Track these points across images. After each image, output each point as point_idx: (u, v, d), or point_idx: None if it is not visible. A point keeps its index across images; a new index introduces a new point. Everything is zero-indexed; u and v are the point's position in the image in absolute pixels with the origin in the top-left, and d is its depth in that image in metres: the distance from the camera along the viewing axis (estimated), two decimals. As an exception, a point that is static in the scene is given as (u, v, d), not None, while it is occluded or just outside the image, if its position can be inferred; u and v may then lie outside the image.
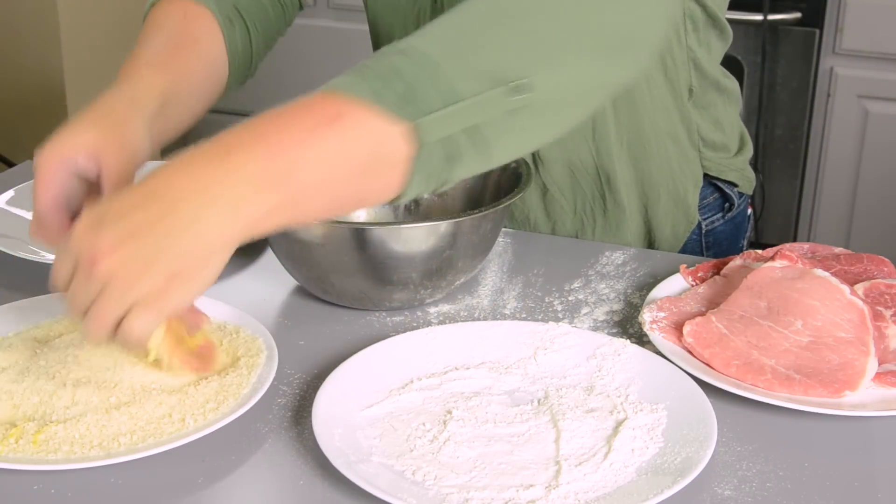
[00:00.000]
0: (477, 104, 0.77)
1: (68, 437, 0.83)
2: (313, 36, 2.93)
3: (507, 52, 0.78)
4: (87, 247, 0.75)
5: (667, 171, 1.25)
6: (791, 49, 2.53)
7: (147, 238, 0.74)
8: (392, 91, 0.76)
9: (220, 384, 0.89)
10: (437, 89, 0.76)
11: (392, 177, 0.78)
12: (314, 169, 0.76)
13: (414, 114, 0.76)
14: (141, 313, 0.76)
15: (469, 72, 0.77)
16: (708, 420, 0.86)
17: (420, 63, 0.77)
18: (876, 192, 2.58)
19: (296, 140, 0.75)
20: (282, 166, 0.75)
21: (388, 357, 0.95)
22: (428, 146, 0.77)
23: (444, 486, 0.80)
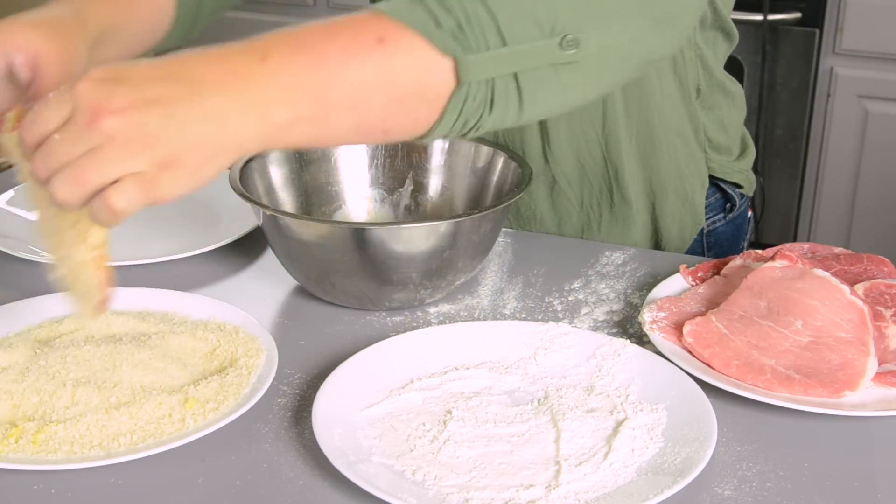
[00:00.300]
0: (525, 51, 0.76)
1: (68, 437, 0.83)
2: (313, 36, 2.94)
3: (561, 5, 0.77)
4: (94, 98, 0.69)
5: (675, 170, 1.25)
6: (791, 49, 2.53)
7: (162, 113, 0.69)
8: (444, 24, 0.74)
9: (220, 384, 0.90)
10: (489, 30, 0.75)
11: (426, 111, 0.76)
12: (351, 88, 0.73)
13: (462, 50, 0.75)
14: (129, 187, 0.69)
15: (523, 18, 0.76)
16: (708, 420, 0.86)
17: (475, 1, 0.75)
18: (876, 192, 2.58)
19: (338, 56, 0.73)
20: (319, 79, 0.73)
21: (388, 357, 0.95)
22: (469, 85, 0.76)
23: (444, 486, 0.80)
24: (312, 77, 0.72)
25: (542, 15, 0.77)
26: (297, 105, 0.72)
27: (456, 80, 0.75)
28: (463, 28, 0.75)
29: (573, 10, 0.78)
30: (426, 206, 1.20)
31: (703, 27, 1.21)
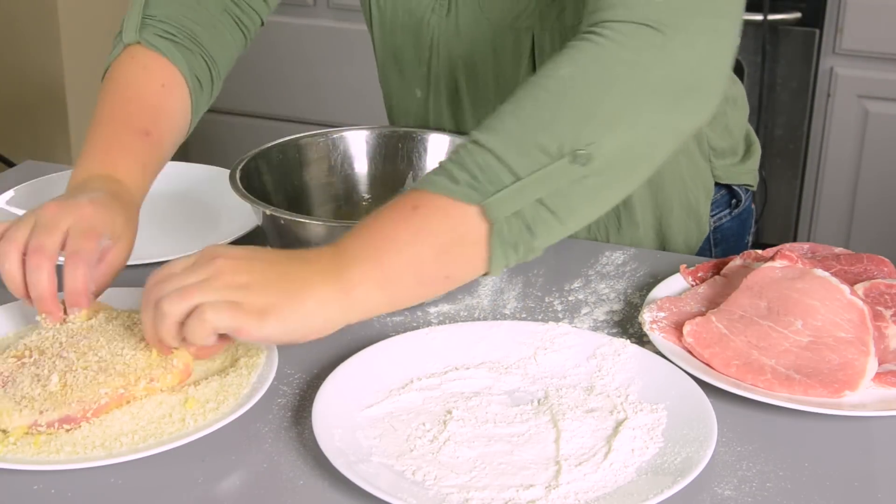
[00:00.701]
0: (539, 179, 0.84)
1: (70, 437, 0.83)
2: (313, 36, 2.93)
3: (561, 127, 0.85)
4: (217, 251, 0.86)
5: (679, 185, 1.25)
6: (791, 49, 2.53)
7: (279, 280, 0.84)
8: (460, 179, 0.85)
9: (220, 384, 0.90)
10: (500, 170, 0.84)
11: (474, 254, 0.86)
12: (401, 251, 0.85)
13: (482, 196, 0.84)
14: (223, 307, 0.82)
15: (527, 151, 0.85)
16: (708, 420, 0.86)
17: (483, 153, 0.85)
18: (876, 192, 2.58)
19: (388, 230, 0.86)
20: (376, 249, 0.86)
21: (388, 357, 0.95)
22: (500, 222, 0.85)
23: (444, 486, 0.80)
24: (371, 250, 0.86)
25: (545, 141, 0.84)
26: (367, 274, 0.85)
27: (487, 221, 0.85)
28: (477, 177, 0.85)
29: (575, 127, 0.85)
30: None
31: None
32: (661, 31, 0.86)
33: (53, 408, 0.84)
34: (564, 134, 0.85)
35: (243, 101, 3.05)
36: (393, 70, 1.27)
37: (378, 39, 1.27)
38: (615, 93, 0.86)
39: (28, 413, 0.84)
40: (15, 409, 0.84)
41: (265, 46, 2.97)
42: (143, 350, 0.90)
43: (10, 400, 0.85)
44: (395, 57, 1.25)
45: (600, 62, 0.86)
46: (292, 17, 2.93)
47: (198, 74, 1.12)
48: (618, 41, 0.86)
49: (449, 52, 1.19)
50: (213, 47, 1.14)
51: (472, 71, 1.19)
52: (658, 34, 0.86)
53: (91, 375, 0.87)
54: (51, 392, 0.86)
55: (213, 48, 1.14)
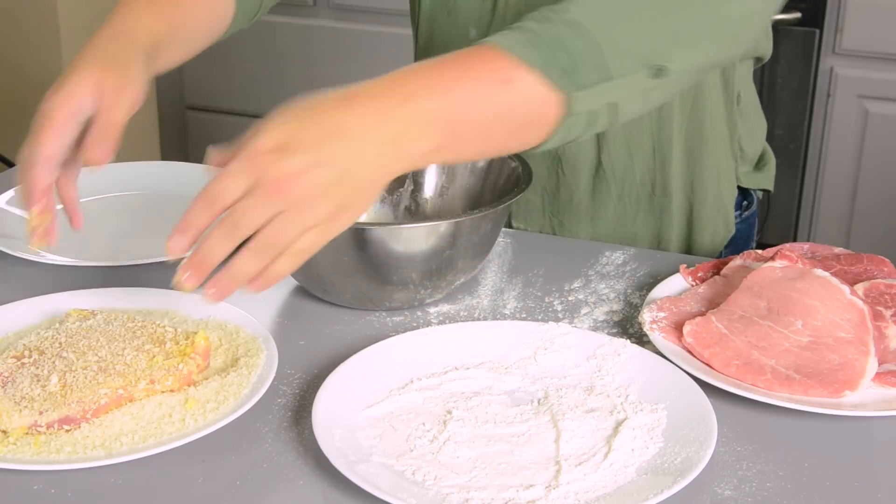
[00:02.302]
0: (623, 83, 0.87)
1: (70, 437, 0.83)
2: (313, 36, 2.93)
3: (655, 38, 0.88)
4: (275, 168, 0.78)
5: (714, 175, 1.26)
6: (791, 49, 2.53)
7: (334, 169, 0.79)
8: (558, 63, 0.84)
9: (221, 384, 0.90)
10: (596, 67, 0.85)
11: (538, 134, 0.87)
12: (479, 123, 0.84)
13: (572, 86, 0.84)
14: (312, 237, 0.80)
15: (624, 53, 0.86)
16: (708, 420, 0.86)
17: (584, 40, 0.85)
18: (876, 192, 2.58)
19: (471, 95, 0.83)
20: (456, 116, 0.83)
21: (388, 357, 0.95)
22: (577, 115, 0.86)
23: (444, 486, 0.80)
24: (447, 116, 0.82)
25: (640, 49, 0.87)
26: (435, 139, 0.82)
27: (567, 110, 0.85)
28: (577, 65, 0.85)
29: (664, 41, 0.88)
30: (426, 206, 1.19)
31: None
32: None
33: (53, 408, 0.84)
34: (655, 45, 0.87)
35: (243, 101, 3.06)
36: (442, 13, 1.25)
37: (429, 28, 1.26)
38: (702, 20, 0.90)
39: (28, 413, 0.84)
40: (14, 410, 0.84)
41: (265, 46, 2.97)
42: (144, 351, 0.90)
43: (9, 400, 0.85)
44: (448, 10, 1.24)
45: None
46: (292, 17, 2.93)
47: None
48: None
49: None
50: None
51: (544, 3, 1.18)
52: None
53: (91, 376, 0.87)
54: (50, 392, 0.86)
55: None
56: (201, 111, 3.10)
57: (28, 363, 0.89)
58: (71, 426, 0.85)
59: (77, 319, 0.95)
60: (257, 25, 1.22)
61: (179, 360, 0.90)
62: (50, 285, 1.07)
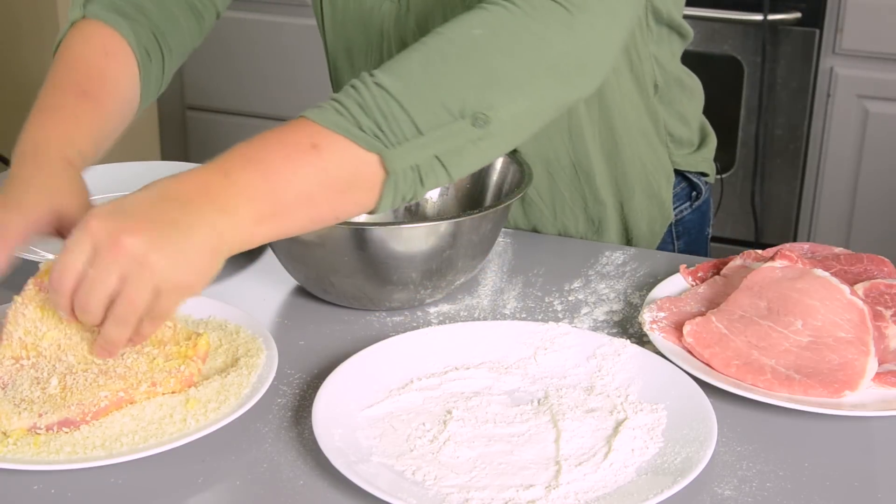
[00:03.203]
0: (440, 137, 0.86)
1: (70, 438, 0.83)
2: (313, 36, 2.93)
3: (466, 88, 0.87)
4: (109, 229, 0.80)
5: (639, 167, 1.26)
6: (791, 49, 2.53)
7: (167, 228, 0.80)
8: (364, 126, 0.85)
9: (221, 384, 0.89)
10: (405, 123, 0.85)
11: (366, 196, 0.87)
12: (300, 189, 0.85)
13: (382, 146, 0.85)
14: (164, 300, 0.81)
15: (433, 107, 0.86)
16: (708, 420, 0.86)
17: (388, 99, 0.85)
18: (876, 192, 2.58)
19: (284, 164, 0.84)
20: (273, 185, 0.84)
21: (388, 357, 0.95)
22: (397, 173, 0.86)
23: (444, 486, 0.80)
24: (263, 185, 0.84)
25: (450, 101, 0.86)
26: (260, 209, 0.83)
27: (384, 170, 0.86)
28: (381, 127, 0.85)
29: (479, 90, 0.87)
30: (426, 206, 1.20)
31: (656, 25, 1.22)
32: (569, 10, 0.89)
33: (53, 410, 0.84)
34: (469, 96, 0.86)
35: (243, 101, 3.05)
36: (345, 63, 1.28)
37: (329, 33, 1.28)
38: (520, 62, 0.88)
39: (27, 416, 0.84)
40: (14, 412, 0.84)
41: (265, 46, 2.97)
42: (144, 353, 0.90)
43: (9, 402, 0.85)
44: (347, 48, 1.26)
45: (510, 30, 0.88)
46: (292, 17, 2.93)
47: (146, 45, 1.10)
48: (528, 13, 0.88)
49: (400, 36, 1.19)
50: (164, 24, 1.12)
51: None
52: (566, 12, 0.89)
53: (91, 378, 0.87)
54: (50, 395, 0.86)
55: (163, 25, 1.12)
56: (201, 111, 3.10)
57: (27, 365, 0.89)
58: (70, 428, 0.85)
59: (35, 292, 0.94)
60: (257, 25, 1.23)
61: (181, 361, 0.90)
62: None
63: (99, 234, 0.80)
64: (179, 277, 0.81)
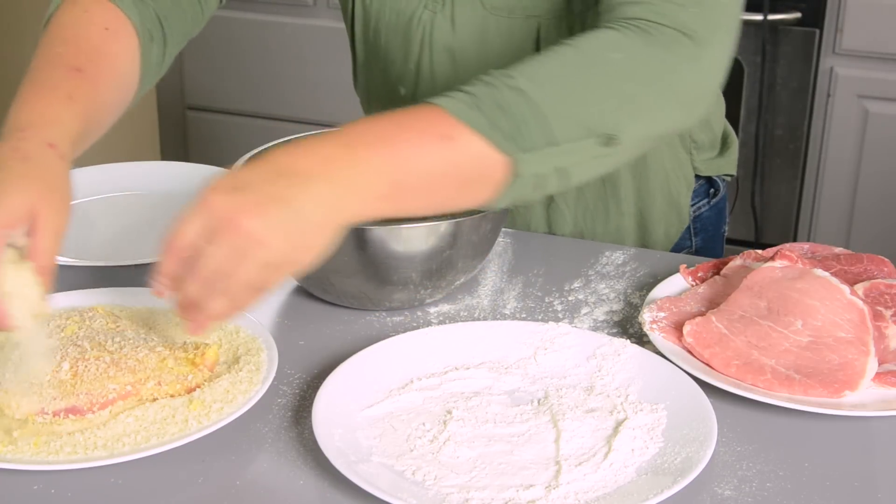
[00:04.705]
0: (570, 150, 0.88)
1: (70, 438, 0.83)
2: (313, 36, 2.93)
3: (603, 110, 0.89)
4: (228, 207, 0.80)
5: (662, 176, 1.26)
6: (791, 49, 2.53)
7: (286, 207, 0.80)
8: (499, 126, 0.86)
9: (222, 385, 0.89)
10: (540, 132, 0.87)
11: (485, 193, 0.88)
12: (423, 175, 0.85)
13: (516, 149, 0.86)
14: (274, 274, 0.82)
15: (569, 121, 0.88)
16: (708, 420, 0.86)
17: (529, 105, 0.86)
18: (876, 192, 2.58)
19: (413, 148, 0.85)
20: (398, 166, 0.84)
21: (388, 357, 0.95)
22: (523, 177, 0.87)
23: (444, 486, 0.80)
24: (389, 164, 0.84)
25: (589, 119, 0.88)
26: (380, 187, 0.84)
27: (512, 172, 0.87)
28: (519, 129, 0.86)
29: (614, 112, 0.89)
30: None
31: None
32: (697, 43, 0.93)
33: (61, 396, 0.85)
34: (604, 116, 0.89)
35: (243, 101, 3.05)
36: (376, 69, 1.27)
37: (360, 39, 1.27)
38: (653, 90, 0.92)
39: (36, 399, 0.84)
40: (23, 394, 0.84)
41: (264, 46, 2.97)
42: (156, 352, 0.90)
43: (19, 384, 0.85)
44: (380, 56, 1.25)
45: (646, 58, 0.92)
46: (292, 17, 2.93)
47: (149, 27, 1.07)
48: (662, 43, 0.92)
49: (443, 47, 1.19)
50: (168, 7, 1.10)
51: (469, 65, 1.19)
52: (694, 45, 0.93)
53: (102, 368, 0.87)
54: (60, 380, 0.86)
55: (166, 7, 1.10)
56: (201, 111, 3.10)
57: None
58: (76, 416, 0.85)
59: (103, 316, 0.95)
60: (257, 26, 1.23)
61: (189, 369, 0.90)
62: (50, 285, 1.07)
63: (218, 210, 0.80)
64: (294, 255, 0.82)
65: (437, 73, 1.21)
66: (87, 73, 0.99)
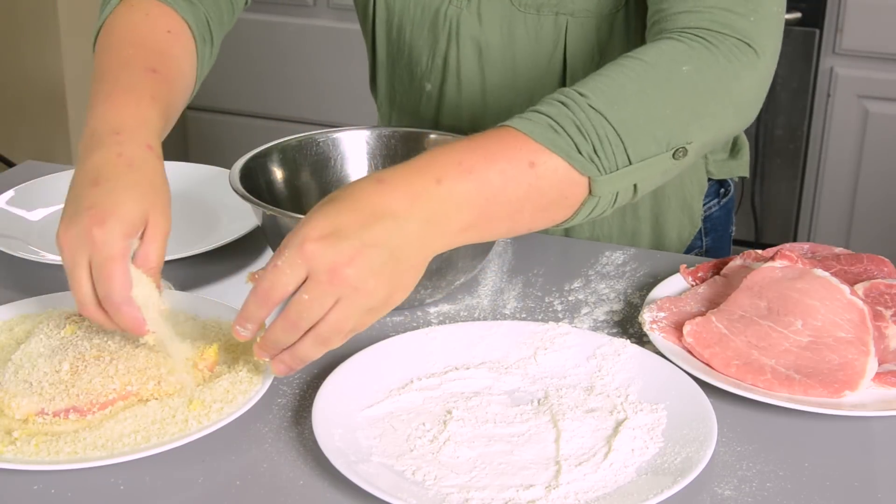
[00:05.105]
0: (643, 166, 0.90)
1: (70, 438, 0.83)
2: (313, 36, 2.93)
3: (676, 124, 0.91)
4: (327, 258, 0.80)
5: (677, 181, 1.27)
6: (791, 49, 2.53)
7: (382, 250, 0.81)
8: (582, 150, 0.88)
9: (222, 385, 0.89)
10: (619, 152, 0.89)
11: (563, 213, 0.91)
12: (508, 203, 0.87)
13: (597, 171, 0.88)
14: (371, 317, 0.84)
15: (645, 139, 0.90)
16: (708, 420, 0.86)
17: (605, 125, 0.88)
18: (876, 192, 2.58)
19: (498, 178, 0.86)
20: (487, 197, 0.86)
21: (388, 357, 0.95)
22: (601, 197, 0.90)
23: (444, 486, 0.80)
24: (478, 197, 0.85)
25: (661, 134, 0.90)
26: (467, 217, 0.85)
27: (589, 191, 0.89)
28: (598, 152, 0.88)
29: (685, 125, 0.92)
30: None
31: None
32: (756, 52, 0.95)
33: (61, 396, 0.85)
34: (676, 130, 0.91)
35: (243, 101, 3.06)
36: (400, 66, 1.27)
37: (382, 37, 1.27)
38: (719, 100, 0.94)
39: (37, 399, 0.84)
40: (23, 394, 0.84)
41: (265, 46, 2.97)
42: (157, 352, 0.90)
43: (19, 384, 0.85)
44: (404, 53, 1.25)
45: (715, 70, 0.94)
46: (292, 17, 2.93)
47: (201, 28, 1.10)
48: (724, 52, 0.94)
49: (470, 42, 1.19)
50: (212, 8, 1.12)
51: (495, 61, 1.19)
52: (754, 54, 0.95)
53: (102, 368, 0.87)
54: (60, 380, 0.86)
55: (211, 9, 1.12)
56: (201, 111, 3.10)
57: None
58: (76, 416, 0.85)
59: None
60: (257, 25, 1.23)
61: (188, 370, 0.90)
62: (50, 285, 1.07)
63: (315, 261, 0.80)
64: (391, 297, 0.83)
65: (463, 69, 1.21)
66: (161, 73, 1.01)
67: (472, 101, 1.23)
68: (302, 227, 0.82)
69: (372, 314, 0.84)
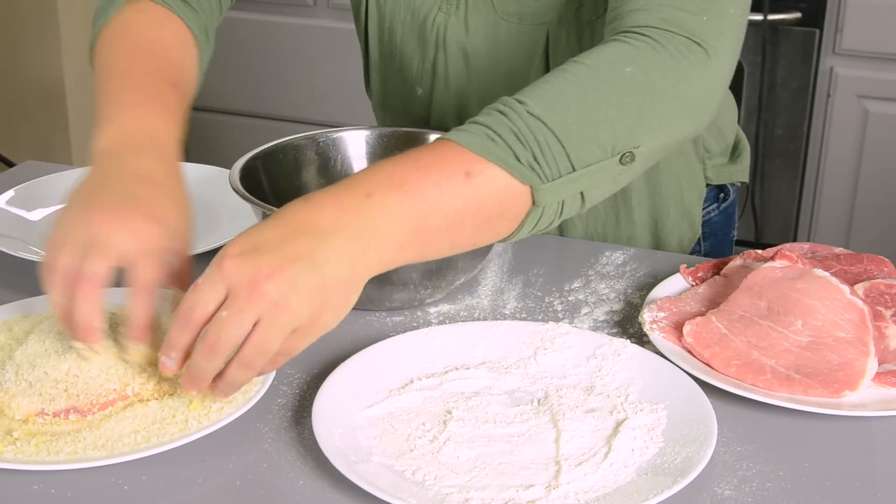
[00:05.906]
0: (588, 173, 0.87)
1: (70, 438, 0.83)
2: (313, 36, 2.93)
3: (621, 127, 0.87)
4: (245, 272, 0.77)
5: (675, 186, 1.26)
6: (791, 49, 2.53)
7: (304, 267, 0.77)
8: (521, 157, 0.84)
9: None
10: (560, 158, 0.85)
11: (507, 225, 0.87)
12: (446, 217, 0.83)
13: (539, 179, 0.85)
14: (294, 340, 0.79)
15: (589, 144, 0.86)
16: (708, 420, 0.86)
17: (545, 132, 0.85)
18: (876, 192, 2.58)
19: (435, 190, 0.82)
20: (421, 210, 0.82)
21: (388, 357, 0.95)
22: (544, 206, 0.86)
23: (444, 486, 0.80)
24: (412, 210, 0.82)
25: (605, 139, 0.87)
26: (401, 235, 0.82)
27: (533, 202, 0.86)
28: (538, 159, 0.84)
29: (631, 129, 0.88)
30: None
31: None
32: (706, 51, 0.92)
33: (61, 396, 0.85)
34: (621, 133, 0.87)
35: (243, 101, 3.05)
36: (392, 69, 1.28)
37: (374, 39, 1.27)
38: (666, 101, 0.90)
39: (37, 399, 0.84)
40: (23, 395, 0.84)
41: (265, 46, 2.97)
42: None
43: (20, 384, 0.85)
44: (395, 56, 1.26)
45: (660, 70, 0.90)
46: (292, 17, 2.93)
47: (201, 35, 1.10)
48: (673, 53, 0.91)
49: (457, 49, 1.20)
50: (206, 14, 1.13)
51: (482, 67, 1.20)
52: (704, 54, 0.92)
53: (102, 368, 0.87)
54: (60, 380, 0.86)
55: (206, 14, 1.12)
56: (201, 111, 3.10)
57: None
58: (76, 416, 0.85)
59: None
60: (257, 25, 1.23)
61: None
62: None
63: (234, 276, 0.77)
64: (318, 317, 0.79)
65: (452, 74, 1.22)
66: (179, 89, 1.02)
67: (462, 106, 1.23)
68: (225, 247, 0.79)
69: (299, 336, 0.79)
